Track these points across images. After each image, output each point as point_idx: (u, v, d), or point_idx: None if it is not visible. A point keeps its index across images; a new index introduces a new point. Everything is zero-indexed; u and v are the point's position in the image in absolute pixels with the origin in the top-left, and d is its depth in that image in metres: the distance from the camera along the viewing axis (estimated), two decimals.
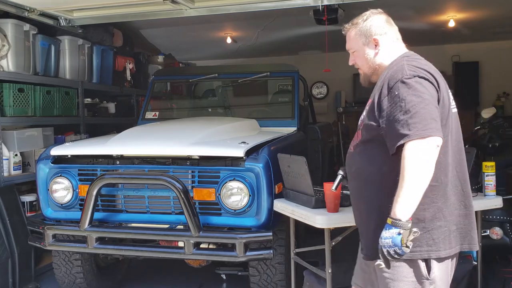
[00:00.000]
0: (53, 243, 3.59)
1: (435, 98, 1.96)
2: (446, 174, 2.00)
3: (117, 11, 4.66)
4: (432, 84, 2.00)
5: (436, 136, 1.86)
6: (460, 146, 2.11)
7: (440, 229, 1.98)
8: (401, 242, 1.84)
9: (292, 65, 4.93)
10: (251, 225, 3.34)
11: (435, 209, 1.98)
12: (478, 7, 5.82)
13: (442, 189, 1.99)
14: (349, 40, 2.29)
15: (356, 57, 2.29)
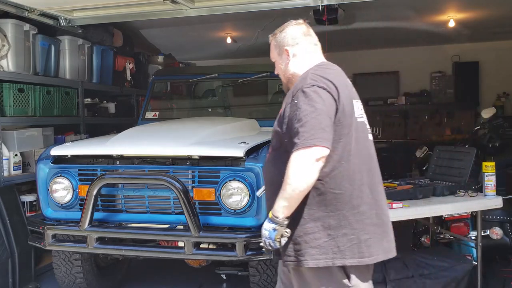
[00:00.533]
0: (53, 243, 3.59)
1: (331, 108, 2.00)
2: (351, 182, 2.03)
3: (117, 11, 4.66)
4: (331, 94, 2.03)
5: (320, 146, 1.92)
6: (371, 154, 2.16)
7: (346, 237, 2.01)
8: (274, 237, 1.99)
9: None
10: (251, 225, 3.34)
11: (340, 217, 2.01)
12: (478, 7, 5.82)
13: (347, 197, 2.02)
14: (270, 50, 2.36)
15: (276, 67, 2.36)
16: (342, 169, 2.01)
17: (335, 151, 2.01)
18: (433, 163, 3.85)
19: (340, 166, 2.01)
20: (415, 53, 8.54)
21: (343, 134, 2.02)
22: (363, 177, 2.08)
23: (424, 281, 3.30)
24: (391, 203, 3.04)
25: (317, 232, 2.00)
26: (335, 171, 2.02)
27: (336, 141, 2.02)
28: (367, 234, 2.04)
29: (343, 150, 2.02)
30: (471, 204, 3.30)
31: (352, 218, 2.02)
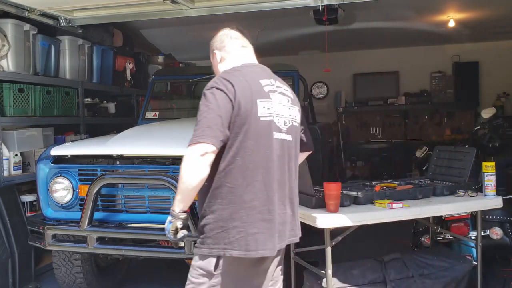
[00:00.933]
0: (53, 243, 3.59)
1: (224, 108, 2.11)
2: (244, 177, 2.13)
3: (117, 11, 4.66)
4: (226, 95, 2.13)
5: (203, 142, 2.05)
6: (274, 152, 2.21)
7: (236, 230, 2.12)
8: (169, 229, 2.16)
9: (292, 65, 4.93)
10: None
11: (232, 210, 2.13)
12: (478, 7, 5.82)
13: (240, 192, 2.13)
14: None
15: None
16: (236, 164, 2.12)
17: (231, 148, 2.13)
18: (433, 163, 3.85)
19: (234, 162, 2.12)
20: (415, 53, 8.55)
21: (239, 133, 2.12)
22: (258, 174, 2.16)
23: (424, 281, 3.30)
24: (391, 203, 3.04)
25: (213, 223, 2.14)
26: (230, 166, 2.13)
27: (233, 138, 2.13)
28: (256, 228, 2.14)
29: (238, 147, 2.13)
30: (471, 204, 3.30)
31: (243, 212, 2.13)
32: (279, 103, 2.27)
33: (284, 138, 2.27)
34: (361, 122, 8.95)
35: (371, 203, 3.12)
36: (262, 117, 2.19)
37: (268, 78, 2.33)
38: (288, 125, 2.29)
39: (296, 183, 2.37)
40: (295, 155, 2.36)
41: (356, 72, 8.89)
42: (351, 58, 8.77)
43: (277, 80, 2.37)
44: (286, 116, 2.30)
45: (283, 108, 2.29)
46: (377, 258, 3.41)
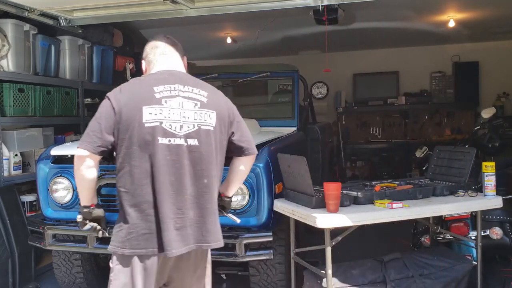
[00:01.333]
0: (53, 243, 3.59)
1: (106, 116, 2.24)
2: (132, 182, 2.25)
3: (117, 11, 4.65)
4: (111, 103, 2.25)
5: (80, 148, 2.24)
6: (163, 157, 2.24)
7: (127, 230, 2.26)
8: (77, 220, 2.48)
9: (292, 65, 4.93)
10: (251, 225, 3.34)
11: (125, 212, 2.27)
12: (478, 7, 5.82)
13: (130, 195, 2.26)
14: None
15: None
16: (125, 170, 2.26)
17: (119, 154, 2.27)
18: (433, 163, 3.85)
19: (123, 168, 2.26)
20: (415, 53, 8.55)
21: (123, 139, 2.23)
22: (144, 178, 2.24)
23: (424, 281, 3.30)
24: (391, 203, 3.04)
25: (116, 223, 2.33)
26: (121, 172, 2.27)
27: (120, 145, 2.25)
28: (146, 229, 2.25)
29: (125, 153, 2.24)
30: (471, 204, 3.30)
31: (133, 214, 2.25)
32: (177, 108, 2.28)
33: (180, 143, 2.26)
34: (361, 122, 8.95)
35: (371, 203, 3.12)
36: (147, 123, 2.23)
37: (172, 83, 2.32)
38: (189, 130, 2.29)
39: (211, 188, 2.36)
40: (208, 159, 2.33)
41: (356, 72, 8.89)
42: (351, 58, 8.77)
43: (186, 85, 2.35)
44: (188, 121, 2.29)
45: (185, 112, 2.29)
46: (377, 258, 3.41)
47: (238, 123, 2.49)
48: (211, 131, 2.35)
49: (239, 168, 2.57)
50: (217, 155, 2.39)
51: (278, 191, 3.41)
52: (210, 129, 2.35)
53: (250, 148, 2.54)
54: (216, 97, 2.44)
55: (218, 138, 2.38)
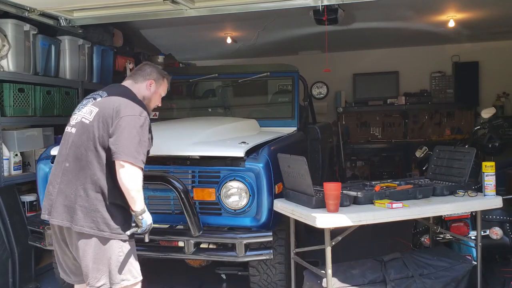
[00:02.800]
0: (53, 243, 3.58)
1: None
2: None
3: (118, 11, 4.66)
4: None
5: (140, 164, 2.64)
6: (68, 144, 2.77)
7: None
8: None
9: (292, 65, 4.93)
10: (251, 225, 3.34)
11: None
12: (478, 7, 5.82)
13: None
14: None
15: None
16: None
17: None
18: (433, 163, 3.85)
19: None
20: (415, 53, 8.55)
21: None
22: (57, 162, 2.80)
23: (424, 281, 3.30)
24: (391, 203, 3.04)
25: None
26: None
27: None
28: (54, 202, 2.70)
29: None
30: (471, 204, 3.30)
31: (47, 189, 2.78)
32: (83, 106, 2.81)
33: (70, 131, 2.80)
34: (361, 122, 8.96)
35: (371, 203, 3.12)
36: (69, 127, 2.86)
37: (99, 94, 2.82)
38: (77, 121, 2.77)
39: (85, 175, 2.66)
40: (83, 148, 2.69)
41: (356, 72, 8.89)
42: (351, 58, 8.77)
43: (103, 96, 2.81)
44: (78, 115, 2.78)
45: (83, 108, 2.79)
46: (377, 258, 3.41)
47: (114, 124, 2.65)
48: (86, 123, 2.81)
49: None
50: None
51: (278, 191, 3.42)
52: (86, 121, 2.79)
53: (116, 153, 2.61)
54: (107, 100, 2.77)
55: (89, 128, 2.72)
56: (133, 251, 2.76)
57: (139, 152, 2.59)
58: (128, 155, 2.56)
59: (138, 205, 2.65)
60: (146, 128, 2.67)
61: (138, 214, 2.67)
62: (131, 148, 2.57)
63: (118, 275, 2.67)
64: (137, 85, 2.91)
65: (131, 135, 2.59)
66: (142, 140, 2.62)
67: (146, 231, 2.74)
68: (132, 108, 2.66)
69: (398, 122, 8.84)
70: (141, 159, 2.60)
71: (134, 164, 2.57)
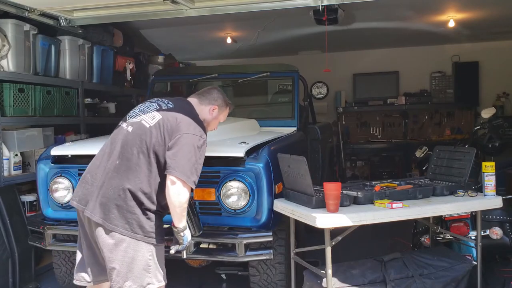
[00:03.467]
0: (53, 243, 3.60)
1: None
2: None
3: (118, 11, 4.65)
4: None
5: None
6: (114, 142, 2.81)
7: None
8: None
9: (292, 65, 4.93)
10: (251, 225, 3.34)
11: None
12: (478, 7, 5.82)
13: None
14: None
15: None
16: None
17: None
18: (433, 163, 3.85)
19: None
20: (415, 53, 8.55)
21: None
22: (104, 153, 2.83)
23: (424, 281, 3.30)
24: (391, 203, 3.04)
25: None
26: None
27: None
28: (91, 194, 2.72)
29: None
30: (471, 204, 3.30)
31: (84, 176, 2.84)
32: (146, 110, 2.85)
33: (126, 129, 2.83)
34: (361, 122, 8.96)
35: (371, 203, 3.12)
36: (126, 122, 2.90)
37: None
38: (135, 120, 2.81)
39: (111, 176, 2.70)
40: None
41: (356, 72, 8.89)
42: (351, 58, 8.77)
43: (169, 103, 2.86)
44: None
45: (145, 111, 2.83)
46: (377, 258, 3.41)
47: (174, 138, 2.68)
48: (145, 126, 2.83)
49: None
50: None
51: (278, 191, 3.42)
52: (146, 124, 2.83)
53: (168, 168, 2.64)
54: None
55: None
56: (162, 256, 2.77)
57: (193, 172, 2.62)
58: (182, 173, 2.58)
59: (179, 221, 2.70)
60: (203, 150, 2.71)
61: (180, 230, 2.72)
62: (186, 166, 2.60)
63: (144, 278, 2.66)
64: (202, 106, 2.94)
65: (190, 154, 2.62)
66: (198, 161, 2.66)
67: (186, 247, 2.83)
68: (194, 128, 2.69)
69: (398, 122, 8.84)
70: (193, 180, 2.63)
71: (186, 182, 2.60)
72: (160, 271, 2.74)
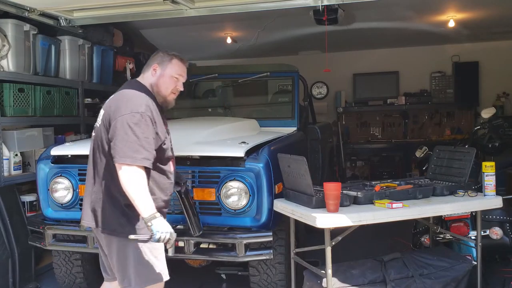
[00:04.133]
0: (53, 243, 3.60)
1: None
2: None
3: (118, 11, 4.65)
4: None
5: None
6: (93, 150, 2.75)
7: None
8: None
9: (292, 65, 4.93)
10: (251, 225, 3.34)
11: None
12: (478, 7, 5.82)
13: None
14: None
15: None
16: None
17: None
18: (433, 163, 3.85)
19: None
20: (415, 53, 8.55)
21: None
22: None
23: (424, 281, 3.30)
24: (391, 203, 3.04)
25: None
26: None
27: None
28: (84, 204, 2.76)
29: None
30: (471, 204, 3.30)
31: None
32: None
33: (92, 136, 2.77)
34: (361, 122, 8.96)
35: (371, 203, 3.12)
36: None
37: None
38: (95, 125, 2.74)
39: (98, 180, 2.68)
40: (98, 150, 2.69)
41: (356, 72, 8.89)
42: (351, 58, 8.77)
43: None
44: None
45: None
46: (377, 258, 3.41)
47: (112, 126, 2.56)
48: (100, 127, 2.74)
49: None
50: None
51: (278, 191, 3.42)
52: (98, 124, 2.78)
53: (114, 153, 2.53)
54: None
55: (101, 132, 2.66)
56: (157, 252, 2.66)
57: (138, 150, 2.45)
58: (124, 156, 2.45)
59: (143, 209, 2.46)
60: (145, 123, 2.51)
61: (147, 220, 2.45)
62: (125, 148, 2.45)
63: (138, 277, 2.61)
64: (145, 74, 2.76)
65: (126, 135, 2.46)
66: (142, 137, 2.47)
67: (161, 241, 2.47)
68: (125, 107, 2.52)
69: (398, 122, 8.84)
70: (141, 158, 2.45)
71: (132, 164, 2.44)
72: (156, 268, 2.64)
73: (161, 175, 2.69)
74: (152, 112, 2.58)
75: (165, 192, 2.73)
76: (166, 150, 2.67)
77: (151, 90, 2.71)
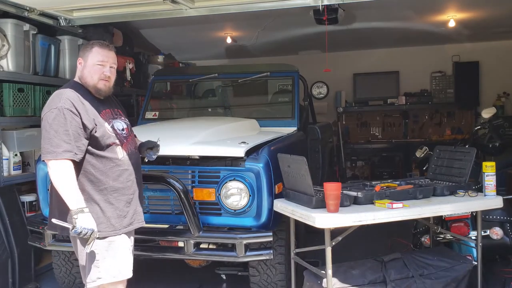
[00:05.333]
0: (53, 243, 3.59)
1: None
2: None
3: (117, 11, 4.65)
4: None
5: None
6: None
7: None
8: None
9: (292, 65, 4.93)
10: (251, 225, 3.34)
11: None
12: (478, 7, 5.82)
13: None
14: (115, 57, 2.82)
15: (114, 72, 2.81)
16: None
17: None
18: (433, 163, 3.85)
19: None
20: (415, 53, 8.55)
21: None
22: None
23: (424, 281, 3.30)
24: (391, 203, 3.04)
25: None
26: None
27: None
28: None
29: None
30: (471, 204, 3.30)
31: None
32: None
33: None
34: (361, 122, 8.96)
35: (371, 203, 3.12)
36: None
37: None
38: None
39: None
40: None
41: (356, 72, 8.88)
42: (351, 58, 8.77)
43: None
44: None
45: None
46: (377, 258, 3.41)
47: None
48: None
49: None
50: None
51: (278, 191, 3.41)
52: None
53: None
54: None
55: None
56: (115, 248, 2.68)
57: (58, 144, 2.50)
58: (45, 153, 2.54)
59: (69, 202, 2.51)
60: (62, 117, 2.55)
61: (73, 213, 2.49)
62: (46, 145, 2.53)
63: (92, 273, 2.64)
64: (77, 70, 2.81)
65: (46, 132, 2.55)
66: (60, 131, 2.52)
67: (81, 235, 2.49)
68: (46, 106, 2.62)
69: (398, 122, 8.84)
70: (62, 151, 2.50)
71: (54, 158, 2.50)
72: (114, 264, 2.68)
73: (105, 163, 2.68)
74: (74, 104, 2.60)
75: (117, 180, 2.71)
76: (100, 138, 2.66)
77: (81, 83, 2.76)
